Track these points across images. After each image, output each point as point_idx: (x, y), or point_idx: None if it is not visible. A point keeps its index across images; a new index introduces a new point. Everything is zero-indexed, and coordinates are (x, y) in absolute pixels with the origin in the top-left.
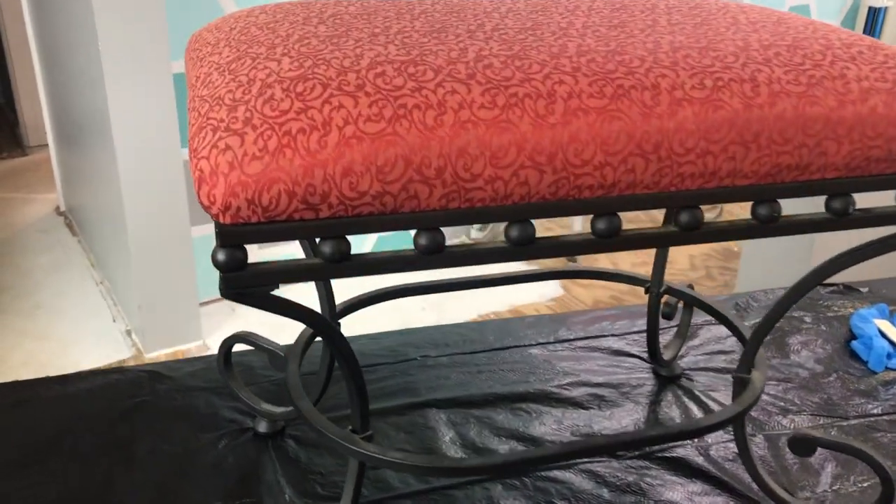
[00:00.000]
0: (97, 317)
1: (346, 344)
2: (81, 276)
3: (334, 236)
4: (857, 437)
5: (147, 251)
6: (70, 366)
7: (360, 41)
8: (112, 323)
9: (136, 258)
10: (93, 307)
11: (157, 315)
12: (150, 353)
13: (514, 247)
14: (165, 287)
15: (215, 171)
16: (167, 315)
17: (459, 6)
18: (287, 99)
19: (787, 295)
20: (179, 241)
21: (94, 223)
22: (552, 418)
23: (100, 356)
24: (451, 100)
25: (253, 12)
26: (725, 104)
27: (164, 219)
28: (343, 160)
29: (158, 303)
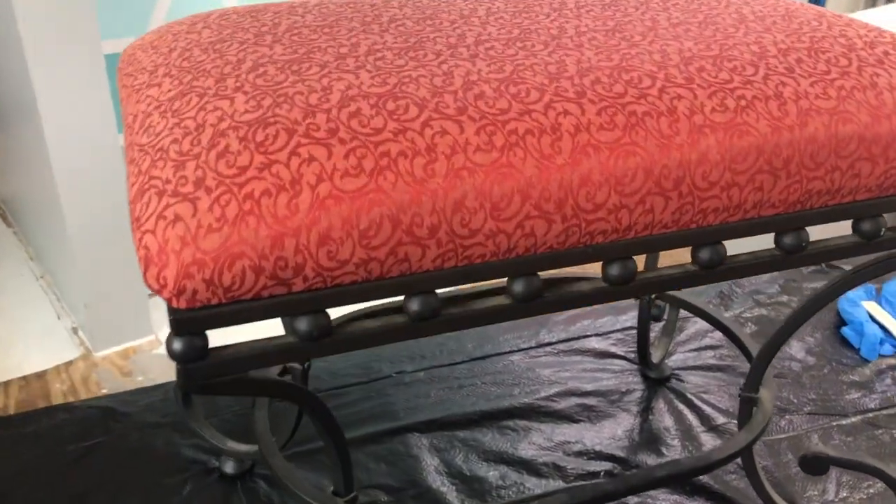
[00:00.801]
0: (39, 314)
1: (331, 417)
2: (19, 270)
3: (311, 311)
4: (858, 437)
5: (89, 243)
6: (13, 368)
7: (326, 67)
8: (56, 320)
9: (78, 251)
10: (34, 304)
11: (104, 311)
12: (99, 351)
13: (519, 303)
14: (112, 280)
15: (164, 248)
16: (115, 310)
17: (432, 9)
18: (246, 151)
19: (799, 311)
20: (123, 231)
21: (31, 213)
22: (541, 435)
23: (45, 358)
24: (442, 143)
25: (195, 26)
26: (752, 128)
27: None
28: (319, 226)
29: (105, 298)
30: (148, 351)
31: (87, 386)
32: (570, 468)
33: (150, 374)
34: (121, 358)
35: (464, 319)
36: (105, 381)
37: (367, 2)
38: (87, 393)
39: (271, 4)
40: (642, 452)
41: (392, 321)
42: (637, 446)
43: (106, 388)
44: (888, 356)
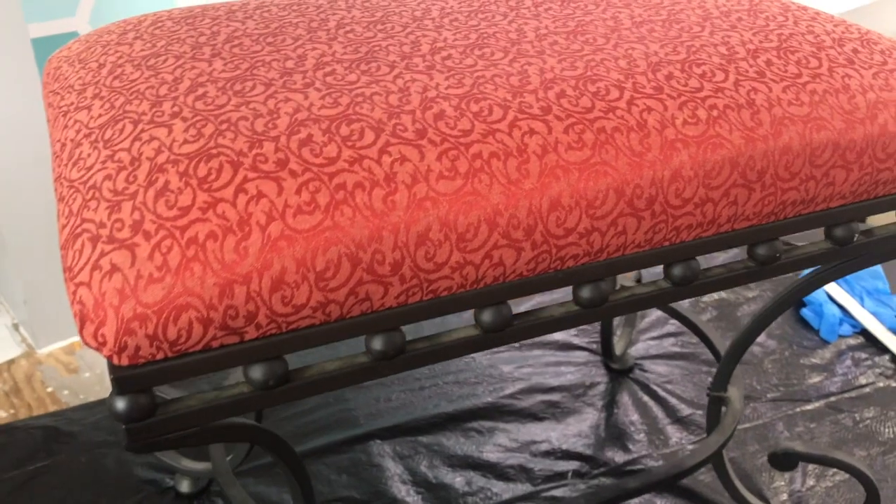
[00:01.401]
0: None
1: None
2: None
3: (266, 359)
4: (822, 423)
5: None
6: None
7: (272, 85)
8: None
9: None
10: None
11: (46, 306)
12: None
13: (487, 334)
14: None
15: (101, 303)
16: (58, 304)
17: (382, 11)
18: (187, 189)
19: (768, 311)
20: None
21: None
22: (507, 436)
23: None
24: (402, 171)
25: (126, 36)
26: (725, 140)
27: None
28: (271, 271)
29: (46, 292)
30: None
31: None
32: (538, 470)
33: (97, 370)
34: (66, 354)
35: (431, 355)
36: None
37: (312, 3)
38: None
39: (209, 8)
40: (609, 449)
41: (354, 362)
42: (603, 443)
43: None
44: (847, 336)
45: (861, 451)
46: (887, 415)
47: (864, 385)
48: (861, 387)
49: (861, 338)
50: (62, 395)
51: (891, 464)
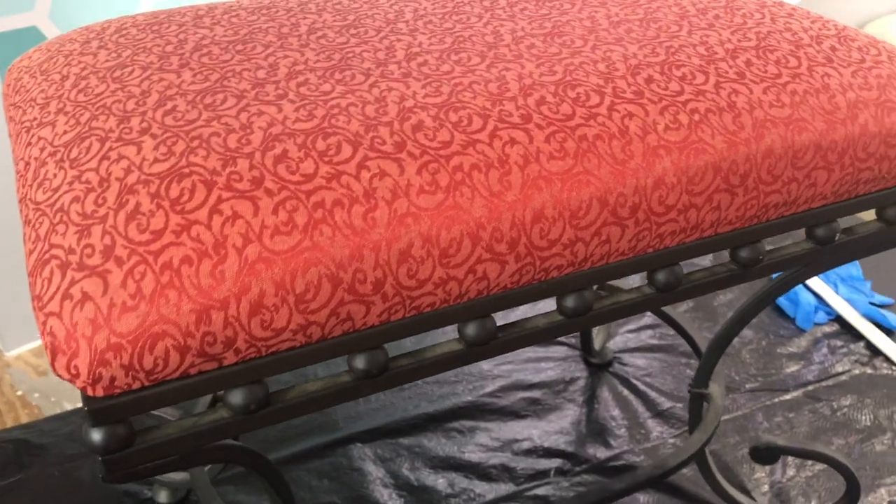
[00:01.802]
0: None
1: (285, 485)
2: None
3: (246, 384)
4: (800, 412)
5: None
6: None
7: (244, 97)
8: None
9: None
10: None
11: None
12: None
13: (472, 348)
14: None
15: (73, 334)
16: (25, 306)
17: (354, 14)
18: (159, 211)
19: (747, 307)
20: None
21: None
22: (488, 435)
23: None
24: (382, 186)
25: (89, 45)
26: (707, 145)
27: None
28: (249, 295)
29: (14, 293)
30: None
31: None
32: (520, 469)
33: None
34: (35, 356)
35: (415, 372)
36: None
37: (282, 6)
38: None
39: (175, 13)
40: (591, 445)
41: (337, 382)
42: (585, 439)
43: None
44: (822, 324)
45: (839, 440)
46: (864, 402)
47: (840, 373)
48: (837, 374)
49: (836, 325)
50: (32, 398)
51: (868, 451)
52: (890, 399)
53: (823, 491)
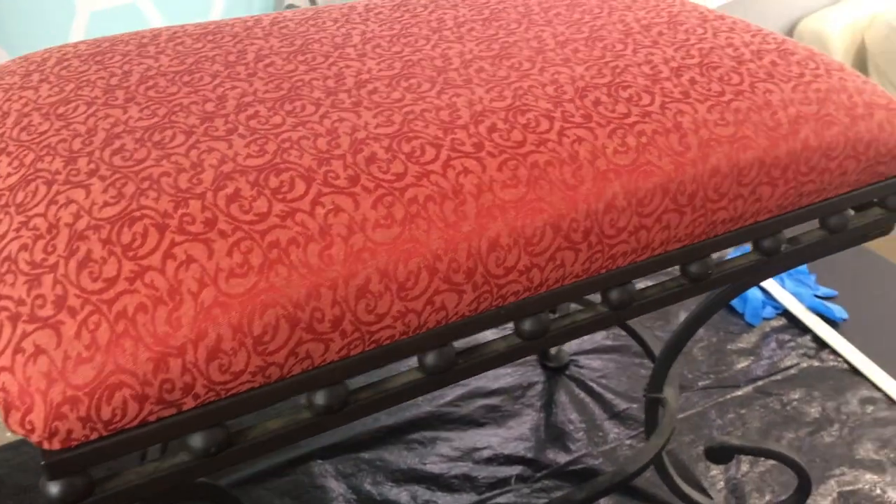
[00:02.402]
0: None
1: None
2: None
3: (206, 427)
4: (751, 408)
5: None
6: None
7: (193, 133)
8: None
9: None
10: None
11: None
12: None
13: (431, 377)
14: None
15: (27, 388)
16: None
17: (301, 38)
18: (111, 258)
19: (698, 313)
20: None
21: None
22: (449, 445)
23: None
24: (337, 222)
25: (30, 78)
26: (655, 167)
27: None
28: (206, 340)
29: None
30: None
31: None
32: (482, 478)
33: None
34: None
35: (376, 404)
36: None
37: (227, 31)
38: None
39: (118, 41)
40: (550, 450)
41: (298, 418)
42: (544, 444)
43: None
44: (770, 318)
45: (790, 434)
46: (812, 395)
47: (789, 367)
48: (786, 369)
49: (783, 319)
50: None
51: (818, 443)
52: (836, 391)
53: (776, 485)
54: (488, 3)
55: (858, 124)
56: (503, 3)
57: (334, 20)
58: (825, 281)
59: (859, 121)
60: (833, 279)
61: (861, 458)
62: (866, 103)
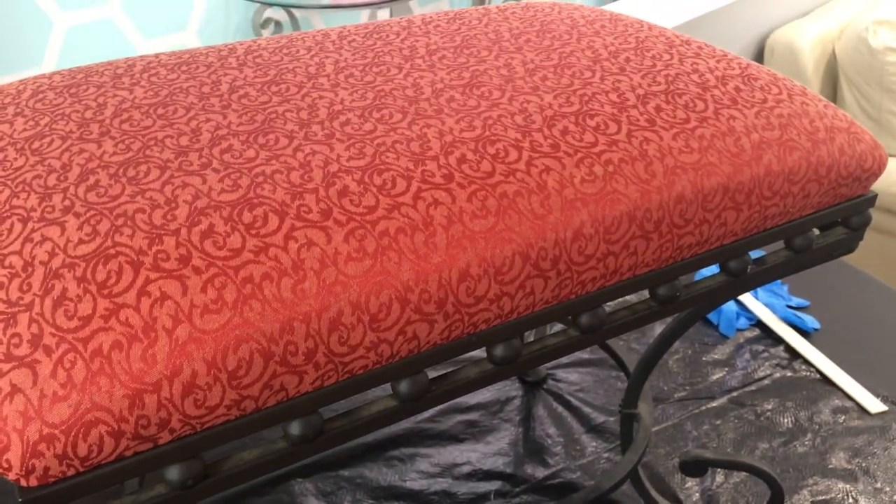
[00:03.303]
0: None
1: None
2: None
3: (182, 460)
4: (726, 419)
5: None
6: None
7: (167, 169)
8: None
9: None
10: None
11: None
12: None
13: (405, 403)
14: None
15: (3, 427)
16: None
17: (275, 69)
18: (87, 296)
19: (674, 327)
20: None
21: None
22: (428, 462)
23: None
24: (310, 257)
25: (4, 112)
26: (621, 196)
27: None
28: (181, 376)
29: None
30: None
31: None
32: (461, 493)
33: None
34: None
35: (350, 432)
36: None
37: (202, 60)
38: None
39: (93, 71)
40: (529, 465)
41: (274, 448)
42: (523, 459)
43: None
44: (744, 329)
45: (764, 444)
46: (785, 405)
47: (762, 378)
48: (760, 379)
49: (757, 329)
50: None
51: (791, 454)
52: (809, 401)
53: (751, 495)
54: (459, 30)
55: (820, 148)
56: (474, 30)
57: (308, 48)
58: (798, 291)
59: (821, 145)
60: (805, 289)
61: (833, 468)
62: (827, 127)
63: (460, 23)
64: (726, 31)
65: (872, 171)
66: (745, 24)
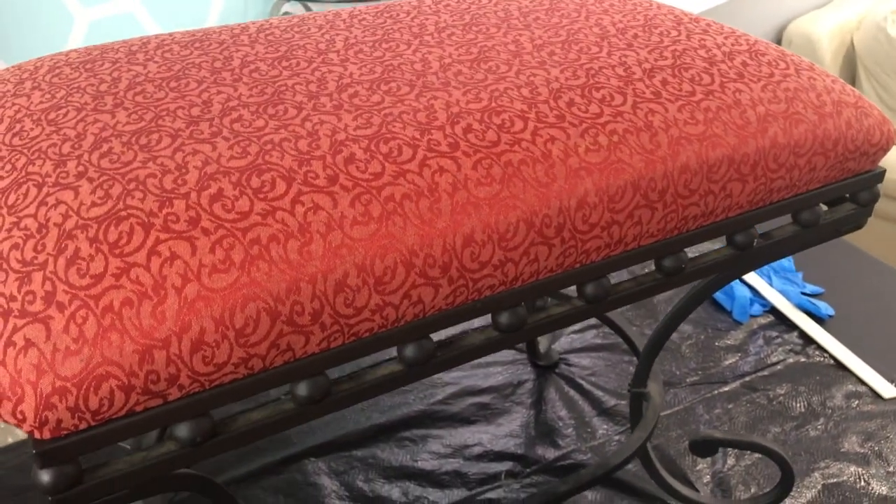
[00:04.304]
0: None
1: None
2: None
3: (191, 417)
4: (738, 402)
5: None
6: None
7: (178, 136)
8: None
9: None
10: None
11: None
12: None
13: (411, 368)
14: None
15: (17, 380)
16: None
17: (286, 45)
18: (99, 255)
19: (682, 305)
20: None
21: None
22: (440, 442)
23: None
24: (316, 220)
25: (23, 86)
26: (626, 165)
27: None
28: (190, 333)
29: None
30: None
31: None
32: (472, 474)
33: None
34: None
35: (357, 395)
36: None
37: (214, 38)
38: None
39: (108, 48)
40: (540, 446)
41: (281, 409)
42: (534, 440)
43: None
44: (758, 316)
45: (776, 428)
46: (798, 390)
47: (775, 363)
48: (773, 364)
49: (771, 316)
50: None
51: (803, 437)
52: (822, 386)
53: (762, 478)
54: (469, 8)
55: (826, 122)
56: (483, 9)
57: (319, 27)
58: (812, 278)
59: (827, 118)
60: (820, 277)
61: (846, 451)
62: (834, 101)
63: (470, 2)
64: (744, 21)
65: (881, 146)
66: (763, 14)
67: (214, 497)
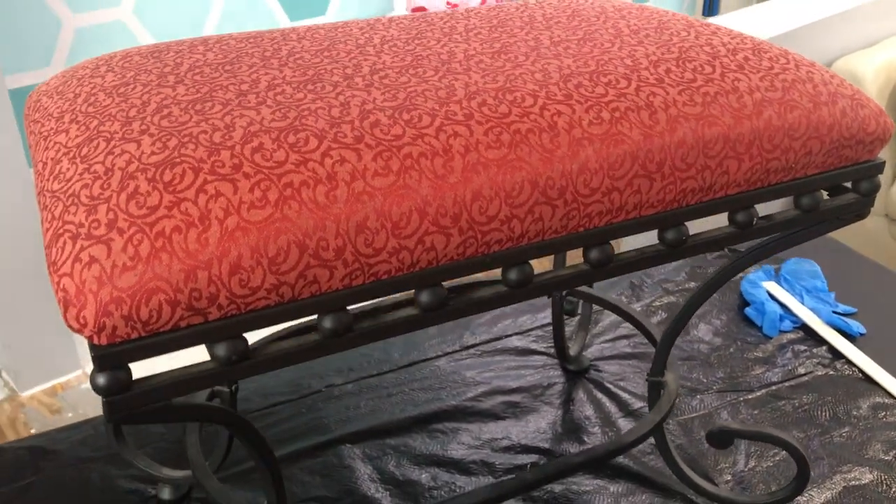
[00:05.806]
0: None
1: (256, 433)
2: None
3: (228, 337)
4: (763, 409)
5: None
6: None
7: (228, 104)
8: None
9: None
10: None
11: (28, 349)
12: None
13: (426, 313)
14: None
15: (82, 289)
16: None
17: (329, 41)
18: (155, 192)
19: (696, 296)
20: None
21: None
22: (469, 435)
23: None
24: (342, 171)
25: (98, 70)
26: (625, 137)
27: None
28: (229, 257)
29: (28, 336)
30: (76, 386)
31: (14, 428)
32: (498, 463)
33: (80, 410)
34: (48, 396)
35: (375, 332)
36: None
37: (267, 36)
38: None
39: (174, 43)
40: (565, 442)
41: (307, 339)
42: (560, 436)
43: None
44: (788, 331)
45: (799, 433)
46: (824, 400)
47: (803, 374)
48: (800, 376)
49: (801, 332)
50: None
51: (827, 443)
52: (849, 396)
53: (783, 478)
54: (497, 14)
55: (821, 109)
56: (510, 15)
57: (360, 28)
58: (844, 299)
59: (822, 106)
60: (852, 297)
61: (870, 458)
62: (831, 93)
63: (499, 9)
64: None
65: (877, 136)
66: (810, 50)
67: (244, 434)
